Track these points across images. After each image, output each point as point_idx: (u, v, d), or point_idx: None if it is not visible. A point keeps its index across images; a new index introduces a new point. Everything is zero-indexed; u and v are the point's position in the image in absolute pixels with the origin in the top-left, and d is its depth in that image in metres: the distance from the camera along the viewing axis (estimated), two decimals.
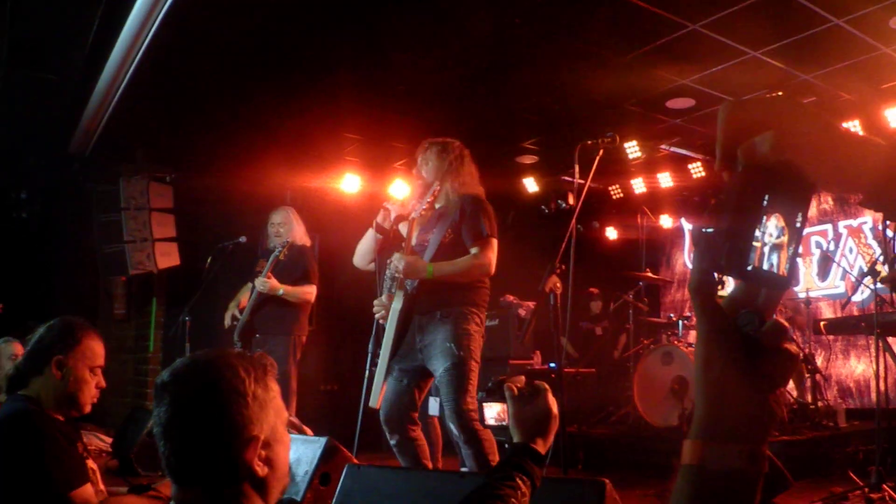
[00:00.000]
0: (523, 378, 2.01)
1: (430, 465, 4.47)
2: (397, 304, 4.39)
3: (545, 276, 4.13)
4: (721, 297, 0.89)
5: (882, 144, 0.78)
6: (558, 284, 4.20)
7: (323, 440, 3.70)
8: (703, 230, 0.84)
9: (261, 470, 1.55)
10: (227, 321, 6.71)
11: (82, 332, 2.97)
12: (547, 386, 1.97)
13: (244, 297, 6.71)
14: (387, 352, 4.33)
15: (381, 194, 8.78)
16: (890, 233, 5.26)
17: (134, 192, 7.72)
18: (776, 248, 0.86)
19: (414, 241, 4.49)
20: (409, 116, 7.37)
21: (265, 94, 6.76)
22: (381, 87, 6.78)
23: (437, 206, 4.52)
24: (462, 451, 4.24)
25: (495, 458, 4.07)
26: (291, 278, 6.49)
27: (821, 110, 0.84)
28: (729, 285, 0.91)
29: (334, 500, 2.89)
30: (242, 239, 7.11)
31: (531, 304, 7.78)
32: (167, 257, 7.72)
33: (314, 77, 6.48)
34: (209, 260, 7.14)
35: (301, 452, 3.62)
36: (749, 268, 0.84)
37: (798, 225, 0.87)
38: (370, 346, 4.45)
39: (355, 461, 3.25)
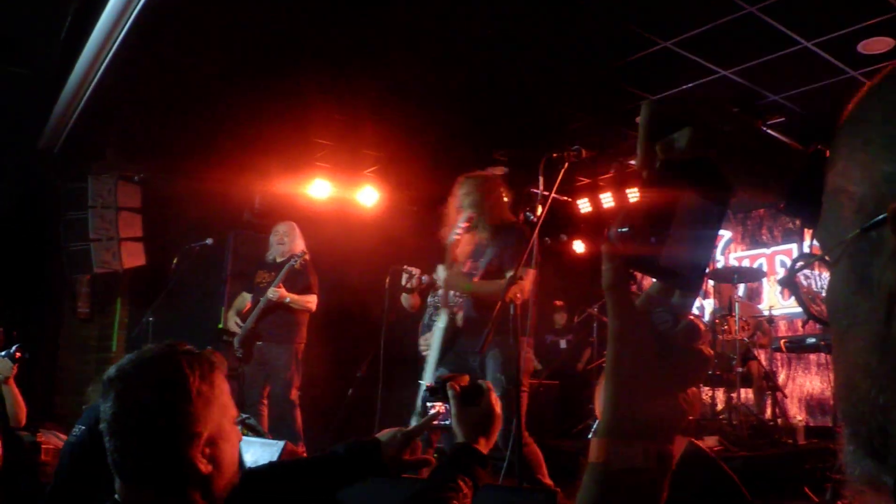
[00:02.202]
0: (467, 377, 2.00)
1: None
2: (441, 323, 4.70)
3: (505, 285, 4.16)
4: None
5: (800, 149, 0.77)
6: (519, 295, 4.27)
7: (281, 443, 3.74)
8: (619, 229, 0.82)
9: (204, 467, 1.55)
10: (232, 326, 6.78)
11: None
12: (490, 385, 1.96)
13: (244, 305, 6.86)
14: (433, 362, 4.63)
15: (351, 201, 8.77)
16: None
17: (102, 191, 7.65)
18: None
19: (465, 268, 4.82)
20: (380, 123, 7.37)
21: (237, 97, 6.75)
22: (353, 93, 6.78)
23: (477, 234, 4.84)
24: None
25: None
26: (296, 288, 6.64)
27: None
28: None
29: None
30: (209, 241, 7.12)
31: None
32: (133, 257, 7.66)
33: (286, 81, 6.47)
34: (175, 261, 7.13)
35: (259, 455, 3.65)
36: (661, 266, 0.82)
37: (713, 228, 0.83)
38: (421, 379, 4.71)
39: None
